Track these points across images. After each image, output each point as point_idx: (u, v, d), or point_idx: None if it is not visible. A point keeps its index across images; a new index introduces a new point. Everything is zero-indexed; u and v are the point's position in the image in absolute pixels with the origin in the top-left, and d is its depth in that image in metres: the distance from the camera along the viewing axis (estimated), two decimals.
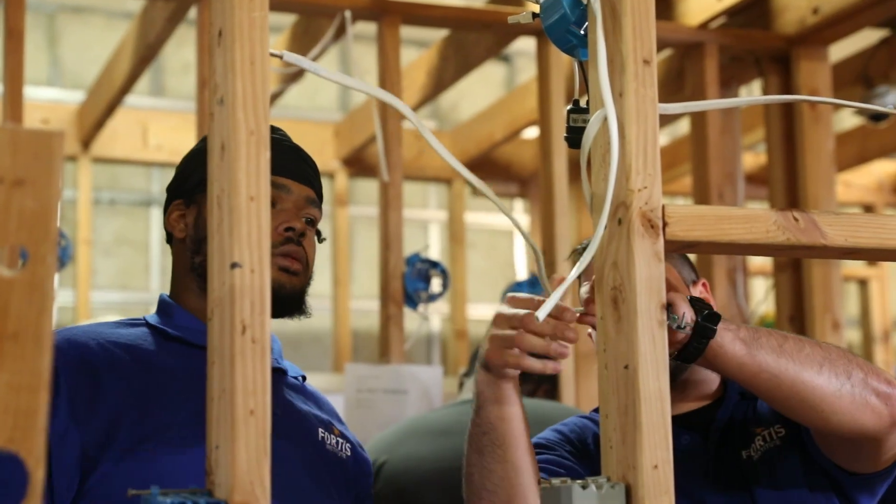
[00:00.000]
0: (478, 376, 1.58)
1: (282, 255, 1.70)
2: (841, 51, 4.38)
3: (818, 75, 4.01)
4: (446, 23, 4.09)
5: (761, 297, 4.93)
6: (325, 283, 5.76)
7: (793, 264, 4.02)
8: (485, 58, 4.24)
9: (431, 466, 2.56)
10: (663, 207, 1.23)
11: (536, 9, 1.37)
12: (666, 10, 4.06)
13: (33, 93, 5.33)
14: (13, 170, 0.87)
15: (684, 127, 5.79)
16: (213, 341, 1.09)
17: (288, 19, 4.42)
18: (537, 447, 1.79)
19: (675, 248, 1.29)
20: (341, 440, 1.77)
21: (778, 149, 4.10)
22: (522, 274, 6.54)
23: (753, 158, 5.44)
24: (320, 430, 1.74)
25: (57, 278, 3.99)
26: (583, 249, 1.41)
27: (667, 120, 4.82)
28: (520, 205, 6.35)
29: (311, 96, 6.25)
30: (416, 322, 3.79)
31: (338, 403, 2.23)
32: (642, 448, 1.18)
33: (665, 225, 1.23)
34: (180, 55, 5.99)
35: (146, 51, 4.20)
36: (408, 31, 4.03)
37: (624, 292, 1.21)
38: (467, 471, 1.60)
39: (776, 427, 1.76)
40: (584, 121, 1.33)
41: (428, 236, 6.53)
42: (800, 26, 3.93)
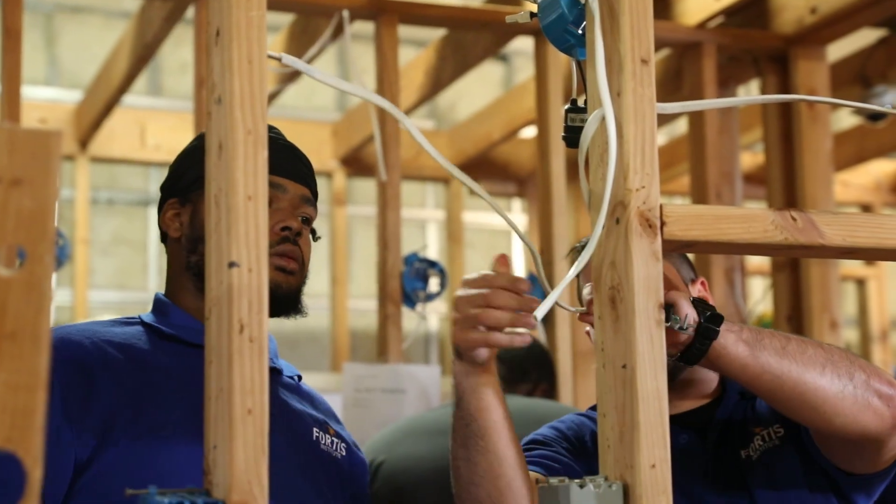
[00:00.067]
0: (453, 367, 1.56)
1: (278, 255, 1.69)
2: (839, 50, 4.38)
3: (816, 75, 4.01)
4: (444, 22, 4.09)
5: (759, 296, 4.93)
6: (322, 282, 5.76)
7: (791, 264, 4.02)
8: (483, 57, 4.24)
9: (429, 466, 2.56)
10: (661, 207, 1.23)
11: (534, 8, 1.37)
12: (664, 10, 4.06)
13: (31, 92, 5.32)
14: (11, 169, 0.87)
15: (682, 126, 5.78)
16: (211, 340, 1.09)
17: (286, 18, 4.42)
18: (534, 443, 1.79)
19: (672, 248, 1.29)
20: (336, 440, 1.77)
21: (776, 148, 4.10)
22: (521, 273, 6.54)
23: (751, 158, 5.43)
24: (315, 429, 1.74)
25: (54, 278, 3.98)
26: (581, 248, 1.40)
27: (665, 119, 4.82)
28: (518, 204, 6.34)
29: (308, 96, 6.25)
30: (414, 321, 3.78)
31: (335, 403, 2.23)
32: (640, 447, 1.18)
33: (663, 224, 1.23)
34: (178, 55, 5.98)
35: (144, 50, 4.19)
36: (406, 31, 4.02)
37: (622, 292, 1.21)
38: (454, 464, 1.59)
39: (775, 427, 1.75)
40: (581, 120, 1.33)
41: (426, 236, 6.52)
42: (798, 26, 3.93)
